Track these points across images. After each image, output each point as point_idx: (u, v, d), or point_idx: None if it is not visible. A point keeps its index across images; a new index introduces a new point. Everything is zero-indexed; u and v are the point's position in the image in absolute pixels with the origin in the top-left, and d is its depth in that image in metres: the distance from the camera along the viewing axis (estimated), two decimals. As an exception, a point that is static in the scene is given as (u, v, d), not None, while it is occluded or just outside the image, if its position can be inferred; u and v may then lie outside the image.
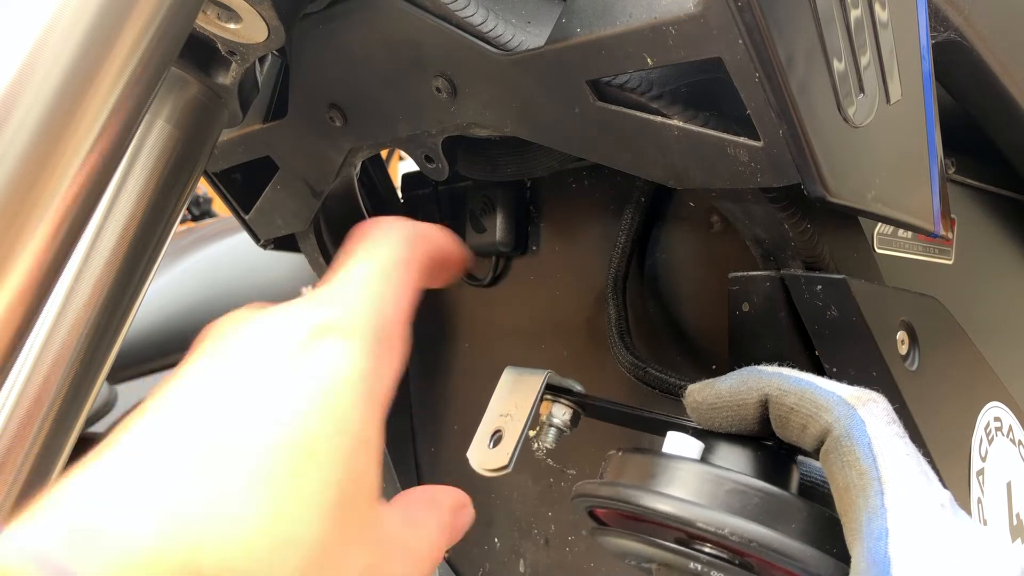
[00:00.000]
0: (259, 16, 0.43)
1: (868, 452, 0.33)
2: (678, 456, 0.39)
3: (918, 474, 0.33)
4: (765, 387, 0.38)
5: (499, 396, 0.45)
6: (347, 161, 0.57)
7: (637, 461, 0.40)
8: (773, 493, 0.37)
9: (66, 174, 0.32)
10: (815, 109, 0.36)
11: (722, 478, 0.37)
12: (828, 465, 0.35)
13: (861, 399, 0.35)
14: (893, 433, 0.34)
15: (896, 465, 0.33)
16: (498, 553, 0.67)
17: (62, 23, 0.31)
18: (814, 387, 0.37)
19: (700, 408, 0.41)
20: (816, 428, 0.36)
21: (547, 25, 0.43)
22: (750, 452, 0.40)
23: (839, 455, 0.34)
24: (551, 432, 0.46)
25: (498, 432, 0.44)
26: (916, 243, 0.53)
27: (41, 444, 0.43)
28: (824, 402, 0.36)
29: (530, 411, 0.43)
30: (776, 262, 0.45)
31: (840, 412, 0.35)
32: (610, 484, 0.40)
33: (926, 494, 0.32)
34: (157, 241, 0.46)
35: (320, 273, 0.72)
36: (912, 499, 0.32)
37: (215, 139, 0.49)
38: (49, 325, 0.43)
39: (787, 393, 0.37)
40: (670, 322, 0.56)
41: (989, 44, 0.52)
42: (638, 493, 0.38)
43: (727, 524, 0.35)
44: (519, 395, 0.44)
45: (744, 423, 0.39)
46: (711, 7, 0.35)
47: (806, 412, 0.36)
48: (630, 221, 0.55)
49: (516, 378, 0.45)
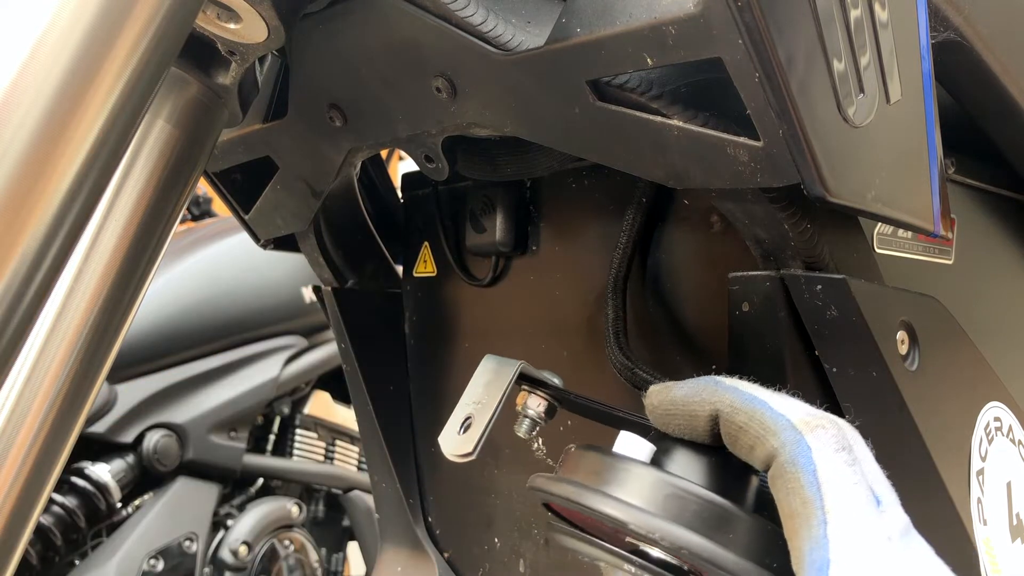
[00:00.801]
0: (259, 16, 0.43)
1: (812, 480, 0.33)
2: (625, 457, 0.39)
3: (864, 504, 0.33)
4: (717, 402, 0.37)
5: (474, 384, 0.45)
6: (347, 161, 0.57)
7: (589, 459, 0.40)
8: (715, 502, 0.36)
9: (66, 174, 0.32)
10: (815, 109, 0.36)
11: (663, 482, 0.37)
12: (775, 490, 0.35)
13: (810, 424, 0.35)
14: (841, 461, 0.34)
15: (841, 494, 0.33)
16: (498, 553, 0.67)
17: (62, 23, 0.31)
18: (765, 407, 0.36)
19: (656, 411, 0.40)
20: (763, 451, 0.35)
21: (547, 25, 0.43)
22: (706, 460, 0.39)
23: (784, 481, 0.34)
24: (525, 422, 0.46)
25: (468, 419, 0.44)
26: (916, 243, 0.53)
27: (41, 444, 0.43)
28: (772, 425, 0.35)
29: (499, 400, 0.43)
30: (776, 262, 0.45)
31: (787, 437, 0.35)
32: (557, 480, 0.40)
33: (872, 525, 0.32)
34: (157, 241, 0.46)
35: (320, 273, 0.72)
36: (855, 530, 0.32)
37: (215, 139, 0.49)
38: (49, 325, 0.43)
39: (737, 412, 0.37)
40: (670, 322, 0.56)
41: (989, 44, 0.52)
42: (578, 491, 0.38)
43: (658, 528, 0.35)
44: (492, 384, 0.44)
45: (695, 433, 0.39)
46: (711, 7, 0.35)
47: (754, 433, 0.36)
48: (631, 222, 0.55)
49: (492, 367, 0.45)
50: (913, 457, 0.46)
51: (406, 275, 0.74)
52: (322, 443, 2.06)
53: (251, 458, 1.86)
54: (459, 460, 0.43)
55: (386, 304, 0.74)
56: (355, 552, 2.08)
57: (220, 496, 1.78)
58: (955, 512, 0.47)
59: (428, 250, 0.72)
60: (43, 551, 1.53)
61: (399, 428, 0.73)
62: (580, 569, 0.61)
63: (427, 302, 0.73)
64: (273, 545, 1.78)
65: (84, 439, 1.57)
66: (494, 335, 0.67)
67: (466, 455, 0.43)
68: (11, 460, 0.42)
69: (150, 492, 1.70)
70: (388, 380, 0.73)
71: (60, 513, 1.54)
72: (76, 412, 0.44)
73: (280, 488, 1.97)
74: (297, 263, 1.97)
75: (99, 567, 1.53)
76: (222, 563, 1.69)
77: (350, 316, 0.70)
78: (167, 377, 1.71)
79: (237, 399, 1.79)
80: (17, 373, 0.42)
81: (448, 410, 0.46)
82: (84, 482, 1.57)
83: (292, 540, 1.83)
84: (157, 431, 1.67)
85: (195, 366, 1.76)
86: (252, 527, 1.74)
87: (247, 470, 1.84)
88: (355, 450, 2.12)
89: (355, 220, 0.72)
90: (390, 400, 0.72)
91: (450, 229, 0.69)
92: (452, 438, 0.44)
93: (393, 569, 0.72)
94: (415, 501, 0.73)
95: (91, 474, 1.58)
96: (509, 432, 0.48)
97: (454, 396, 0.73)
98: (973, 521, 0.49)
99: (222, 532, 1.74)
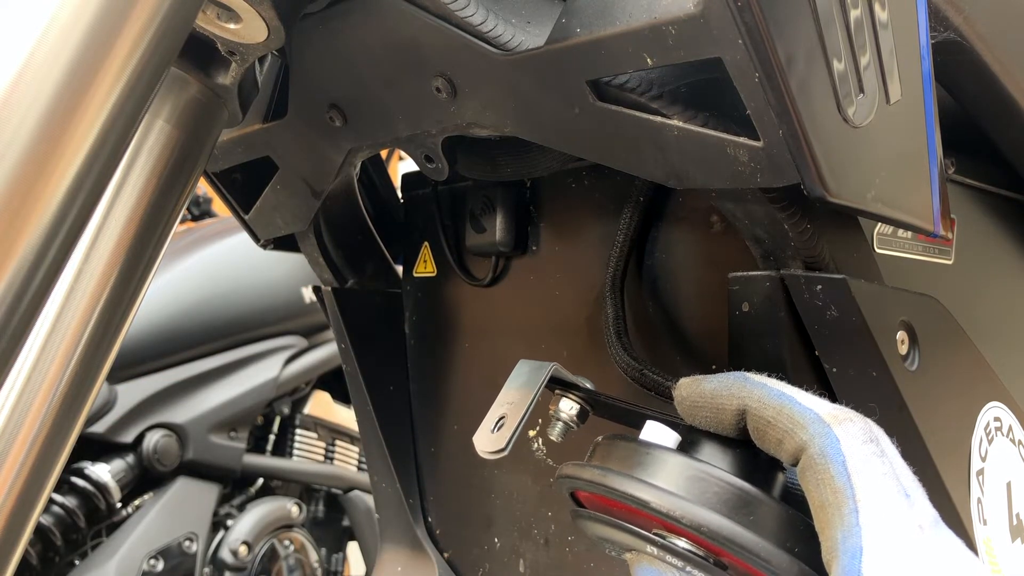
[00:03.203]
0: (259, 16, 0.43)
1: (843, 471, 0.33)
2: (656, 444, 0.40)
3: (895, 494, 0.33)
4: (746, 397, 0.38)
5: (508, 386, 0.47)
6: (347, 161, 0.57)
7: (620, 447, 0.41)
8: (738, 485, 0.37)
9: (66, 174, 0.32)
10: (815, 109, 0.36)
11: (687, 465, 0.38)
12: (805, 483, 0.35)
13: (838, 418, 0.35)
14: (870, 452, 0.34)
15: (871, 484, 0.33)
16: (498, 553, 0.67)
17: (62, 23, 0.31)
18: (793, 402, 0.37)
19: (684, 404, 0.41)
20: (792, 444, 0.36)
21: (547, 25, 0.43)
22: (732, 451, 0.40)
23: (814, 473, 0.34)
24: (558, 425, 0.47)
25: (502, 419, 0.45)
26: (916, 243, 0.53)
27: (41, 444, 0.43)
28: (801, 419, 0.36)
29: (531, 400, 0.44)
30: (776, 262, 0.45)
31: (815, 430, 0.35)
32: (584, 467, 0.40)
33: (903, 515, 0.32)
34: (157, 241, 0.46)
35: (320, 273, 0.72)
36: (888, 519, 0.32)
37: (215, 139, 0.49)
38: (49, 325, 0.43)
39: (766, 407, 0.37)
40: (670, 322, 0.56)
41: (989, 44, 0.52)
42: (604, 474, 0.38)
43: (679, 507, 0.35)
44: (525, 386, 0.45)
45: (722, 427, 0.39)
46: (711, 7, 0.35)
47: (782, 427, 0.36)
48: (628, 221, 0.55)
49: (526, 370, 0.47)
50: (913, 457, 0.45)
51: (406, 275, 0.74)
52: (322, 443, 2.06)
53: (251, 458, 1.86)
54: (491, 457, 0.44)
55: (386, 304, 0.74)
56: (355, 552, 2.08)
57: (220, 496, 1.78)
58: (955, 512, 0.47)
59: (428, 250, 0.72)
60: (43, 551, 1.53)
61: (399, 428, 0.73)
62: (580, 569, 0.61)
63: (427, 302, 0.73)
64: (273, 545, 1.78)
65: (84, 439, 1.57)
66: (494, 335, 0.67)
67: (498, 452, 0.44)
68: (11, 460, 0.42)
69: (150, 492, 1.70)
70: (388, 380, 0.73)
71: (60, 513, 1.54)
72: (76, 412, 0.44)
73: (280, 488, 1.97)
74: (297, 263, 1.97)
75: (99, 567, 1.53)
76: (222, 563, 1.69)
77: (350, 316, 0.70)
78: (167, 377, 1.72)
79: (237, 399, 1.79)
80: (17, 373, 0.42)
81: (448, 410, 0.46)
82: (84, 482, 1.57)
83: (292, 540, 1.83)
84: (157, 431, 1.67)
85: (195, 366, 1.76)
86: (252, 527, 1.74)
87: (247, 470, 1.84)
88: (355, 450, 2.12)
89: (355, 220, 0.72)
90: (390, 400, 0.72)
91: (450, 229, 0.69)
92: (486, 437, 0.45)
93: (393, 569, 0.72)
94: (415, 501, 0.73)
95: (91, 474, 1.58)
96: (509, 432, 0.48)
97: (454, 396, 0.73)
98: (973, 521, 0.49)
99: (222, 532, 1.75)
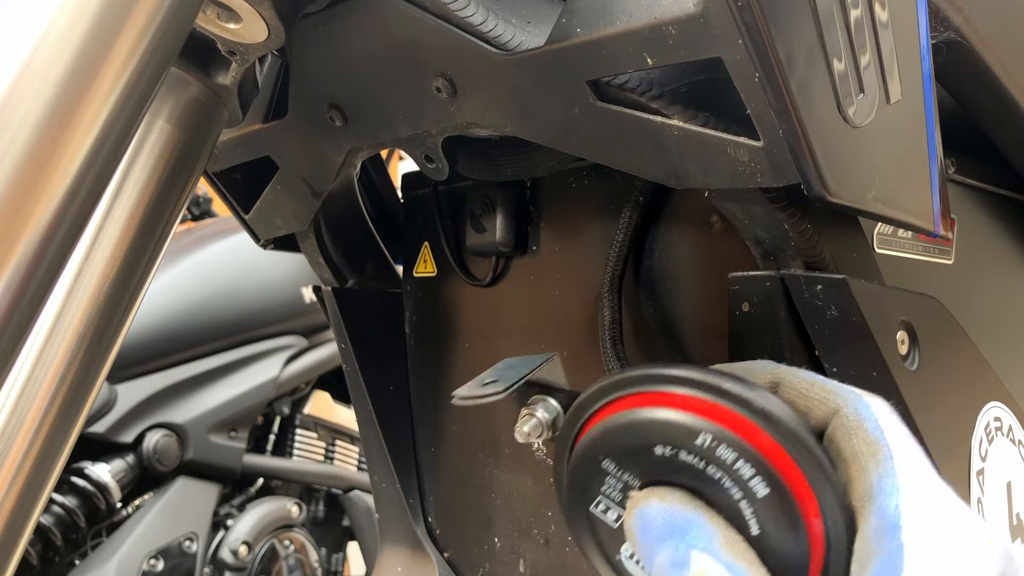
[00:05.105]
0: (259, 16, 0.43)
1: (876, 426, 0.35)
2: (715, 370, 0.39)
3: (922, 452, 0.35)
4: (780, 371, 0.40)
5: (504, 363, 0.47)
6: (347, 161, 0.57)
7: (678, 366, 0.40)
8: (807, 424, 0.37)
9: (66, 174, 0.32)
10: (815, 109, 0.36)
11: (712, 370, 0.38)
12: (835, 442, 0.36)
13: (867, 394, 0.38)
14: (897, 421, 0.36)
15: (902, 440, 0.35)
16: (498, 553, 0.67)
17: (61, 23, 0.31)
18: (825, 379, 0.39)
19: None
20: (822, 410, 0.37)
21: (547, 25, 0.43)
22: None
23: (846, 431, 0.36)
24: (531, 421, 0.47)
25: (494, 380, 0.46)
26: (916, 243, 0.53)
27: (41, 444, 0.43)
28: (835, 389, 0.38)
29: (525, 374, 0.45)
30: (776, 262, 0.45)
31: (848, 397, 0.37)
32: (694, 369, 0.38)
33: (930, 467, 0.34)
34: (157, 241, 0.46)
35: (320, 273, 0.72)
36: (919, 466, 0.34)
37: (215, 139, 0.49)
38: (49, 325, 0.43)
39: (800, 380, 0.39)
40: (670, 322, 0.56)
41: (989, 44, 0.52)
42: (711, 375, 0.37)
43: (784, 414, 0.35)
44: (523, 363, 0.47)
45: None
46: (711, 7, 0.35)
47: (815, 397, 0.38)
48: (628, 221, 0.55)
49: (527, 357, 0.47)
50: (913, 457, 0.46)
51: (406, 275, 0.74)
52: (322, 443, 2.06)
53: (251, 458, 1.86)
54: (461, 403, 0.45)
55: (386, 304, 0.74)
56: (355, 552, 2.08)
57: (220, 496, 1.78)
58: (955, 512, 0.47)
59: (428, 250, 0.72)
60: (43, 551, 1.53)
61: (399, 428, 0.73)
62: (580, 569, 0.61)
63: (427, 302, 0.73)
64: (273, 545, 1.78)
65: (84, 439, 1.57)
66: (494, 335, 0.67)
67: (468, 399, 0.44)
68: (11, 460, 0.42)
69: (150, 492, 1.70)
70: (388, 380, 0.73)
71: (60, 513, 1.54)
72: (76, 412, 0.44)
73: (280, 488, 1.97)
74: (297, 263, 1.97)
75: (99, 567, 1.53)
76: (222, 563, 1.69)
77: (350, 316, 0.70)
78: (167, 377, 1.71)
79: (237, 399, 1.79)
80: (17, 373, 0.42)
81: (448, 410, 0.46)
82: (84, 482, 1.57)
83: (292, 540, 1.83)
84: (157, 431, 1.67)
85: (195, 366, 1.76)
86: (252, 527, 1.74)
87: (247, 470, 1.84)
88: (355, 450, 2.12)
89: (355, 220, 0.72)
90: (390, 400, 0.72)
91: (450, 229, 0.69)
92: (467, 388, 0.45)
93: (393, 569, 0.72)
94: (415, 501, 0.73)
95: (91, 474, 1.58)
96: (509, 432, 0.48)
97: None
98: (973, 521, 0.49)
99: (222, 532, 1.74)
